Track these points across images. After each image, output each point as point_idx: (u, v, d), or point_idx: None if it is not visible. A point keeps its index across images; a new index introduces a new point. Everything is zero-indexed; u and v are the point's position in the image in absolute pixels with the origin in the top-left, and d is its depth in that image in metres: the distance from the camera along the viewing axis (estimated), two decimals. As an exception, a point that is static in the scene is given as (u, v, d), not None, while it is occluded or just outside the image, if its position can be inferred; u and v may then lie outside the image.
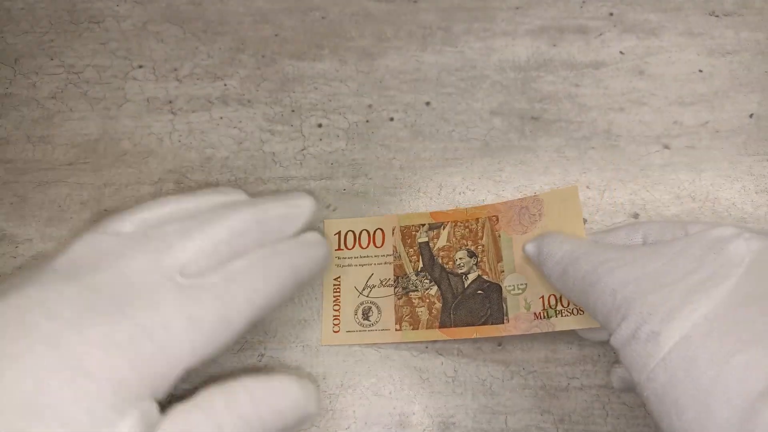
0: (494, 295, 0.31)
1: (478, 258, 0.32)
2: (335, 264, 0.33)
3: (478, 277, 0.31)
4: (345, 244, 0.33)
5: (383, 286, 0.32)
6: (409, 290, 0.32)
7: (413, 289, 0.32)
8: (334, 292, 0.33)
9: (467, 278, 0.31)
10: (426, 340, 0.31)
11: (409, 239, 0.33)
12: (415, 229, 0.33)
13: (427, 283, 0.32)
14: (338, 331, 0.32)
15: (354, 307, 0.32)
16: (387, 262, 0.32)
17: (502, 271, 0.31)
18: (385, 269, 0.32)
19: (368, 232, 0.33)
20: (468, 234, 0.32)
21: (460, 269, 0.32)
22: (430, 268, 0.32)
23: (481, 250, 0.32)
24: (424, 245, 0.33)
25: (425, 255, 0.32)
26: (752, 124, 0.36)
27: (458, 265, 0.32)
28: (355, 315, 0.32)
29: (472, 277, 0.31)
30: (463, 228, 0.33)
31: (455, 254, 0.32)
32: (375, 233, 0.33)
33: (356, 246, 0.33)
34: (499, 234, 0.32)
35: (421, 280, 0.32)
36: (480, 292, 0.31)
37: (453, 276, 0.32)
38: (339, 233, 0.33)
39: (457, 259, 0.32)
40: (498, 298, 0.31)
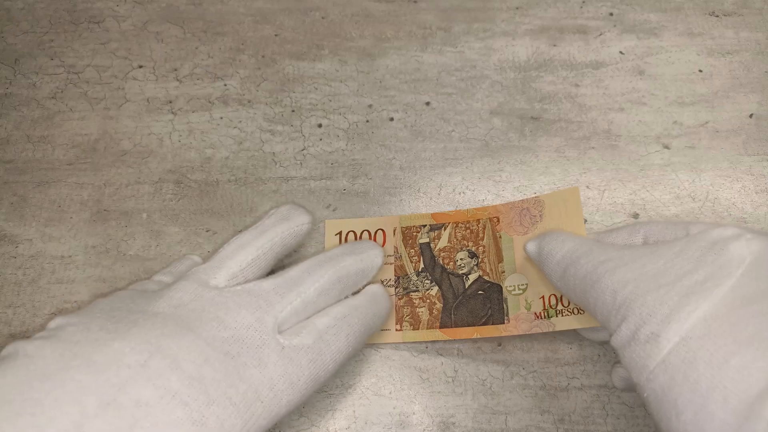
0: (495, 295, 0.31)
1: (478, 259, 0.32)
2: None
3: (478, 277, 0.31)
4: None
5: (384, 286, 0.32)
6: (410, 290, 0.32)
7: (414, 290, 0.32)
8: None
9: (468, 279, 0.31)
10: (426, 341, 0.31)
11: (410, 240, 0.33)
12: (416, 230, 0.33)
13: (428, 283, 0.32)
14: None
15: None
16: (388, 262, 0.32)
17: (503, 272, 0.31)
18: (386, 269, 0.32)
19: (369, 232, 0.33)
20: (469, 235, 0.32)
21: (461, 270, 0.32)
22: (431, 268, 0.32)
23: (482, 251, 0.32)
24: (425, 246, 0.33)
25: (426, 255, 0.32)
26: (752, 124, 0.36)
27: (459, 265, 0.32)
28: None
29: (472, 277, 0.31)
30: (464, 229, 0.33)
31: (456, 255, 0.32)
32: (376, 234, 0.33)
33: None
34: (499, 235, 0.32)
35: (422, 280, 0.32)
36: (481, 292, 0.31)
37: (454, 276, 0.32)
38: (340, 233, 0.33)
39: (458, 260, 0.32)
40: (498, 298, 0.31)
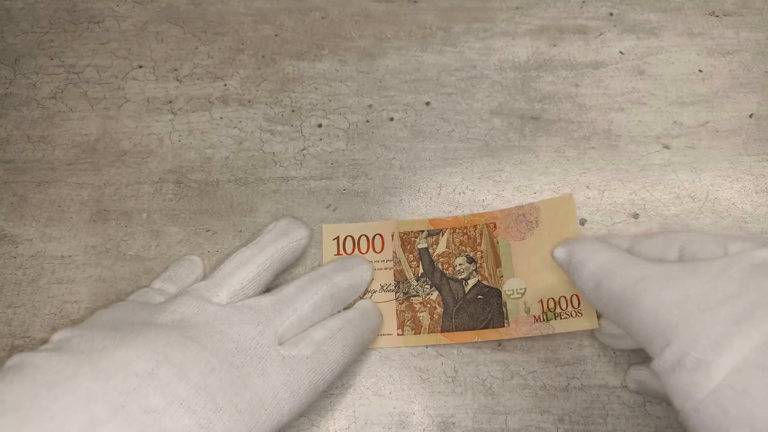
0: (494, 299, 0.31)
1: (477, 264, 0.32)
2: None
3: (477, 282, 0.32)
4: (344, 249, 0.33)
5: (384, 291, 0.32)
6: (411, 295, 0.32)
7: (414, 294, 0.32)
8: None
9: (467, 284, 0.32)
10: (428, 345, 0.31)
11: (409, 245, 0.33)
12: (414, 235, 0.33)
13: (428, 288, 0.32)
14: None
15: None
16: (387, 267, 0.32)
17: (501, 276, 0.31)
18: (386, 274, 0.32)
19: (367, 237, 0.33)
20: (466, 240, 0.32)
21: (460, 275, 0.32)
22: (431, 273, 0.32)
23: (480, 256, 0.32)
24: (424, 251, 0.33)
25: (425, 261, 0.32)
26: (752, 124, 0.36)
27: (458, 270, 0.32)
28: None
29: (472, 282, 0.32)
30: (461, 234, 0.33)
31: (455, 260, 0.32)
32: (374, 239, 0.33)
33: (355, 251, 0.33)
34: (497, 240, 0.32)
35: (422, 285, 0.32)
36: (480, 297, 0.31)
37: (453, 281, 0.32)
38: (338, 238, 0.33)
39: (456, 265, 0.32)
40: (498, 302, 0.31)
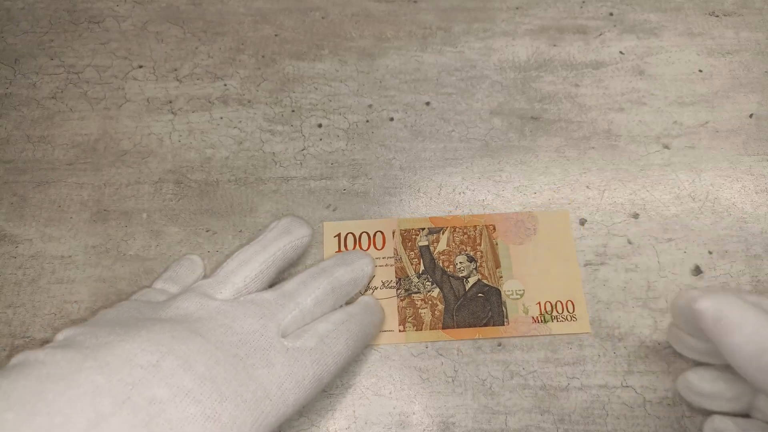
0: (494, 298, 0.31)
1: (477, 263, 0.32)
2: None
3: (478, 280, 0.32)
4: (345, 245, 0.33)
5: (385, 287, 0.32)
6: (412, 292, 0.32)
7: (416, 291, 0.32)
8: None
9: (468, 281, 0.32)
10: (430, 341, 0.31)
11: (410, 242, 0.33)
12: (415, 233, 0.33)
13: (429, 285, 0.32)
14: None
15: None
16: (388, 264, 0.32)
17: (501, 277, 0.32)
18: (387, 271, 0.32)
19: (368, 234, 0.33)
20: (467, 240, 0.33)
21: (461, 273, 0.32)
22: (432, 271, 0.32)
23: (480, 256, 0.32)
24: (425, 249, 0.33)
25: (426, 258, 0.32)
26: (752, 124, 0.36)
27: (459, 269, 0.32)
28: None
29: (472, 280, 0.32)
30: (461, 233, 0.33)
31: (455, 258, 0.32)
32: (375, 236, 0.33)
33: (357, 248, 0.33)
34: (496, 242, 0.33)
35: (423, 282, 0.32)
36: (481, 295, 0.31)
37: (454, 279, 0.32)
38: (339, 235, 0.33)
39: (457, 263, 0.32)
40: (498, 301, 0.31)
